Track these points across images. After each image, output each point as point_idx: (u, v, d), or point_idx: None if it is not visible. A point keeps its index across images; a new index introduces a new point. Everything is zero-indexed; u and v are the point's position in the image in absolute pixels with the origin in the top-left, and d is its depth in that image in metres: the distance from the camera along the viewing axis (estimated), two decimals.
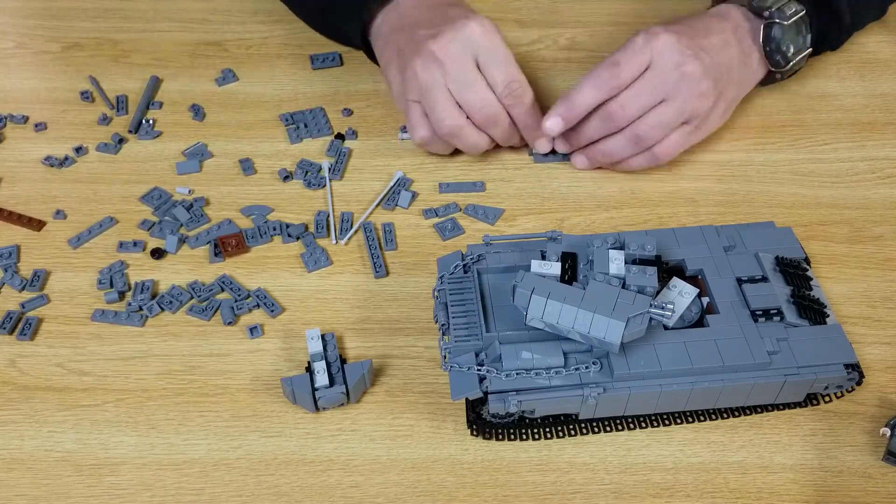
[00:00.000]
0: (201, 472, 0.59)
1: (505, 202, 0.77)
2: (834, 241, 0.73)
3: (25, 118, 0.84)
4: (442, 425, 0.62)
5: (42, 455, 0.60)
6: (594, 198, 0.77)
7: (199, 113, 0.85)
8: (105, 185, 0.78)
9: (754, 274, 0.64)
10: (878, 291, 0.70)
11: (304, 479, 0.59)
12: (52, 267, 0.72)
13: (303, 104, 0.87)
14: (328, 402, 0.61)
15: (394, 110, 0.86)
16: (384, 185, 0.78)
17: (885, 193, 0.77)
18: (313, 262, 0.71)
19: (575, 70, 0.90)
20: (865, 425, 0.61)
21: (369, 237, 0.73)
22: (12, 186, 0.78)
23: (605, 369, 0.58)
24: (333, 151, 0.81)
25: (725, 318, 0.61)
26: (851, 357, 0.60)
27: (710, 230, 0.67)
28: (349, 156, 0.81)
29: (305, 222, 0.75)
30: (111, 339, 0.67)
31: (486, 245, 0.66)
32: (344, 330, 0.67)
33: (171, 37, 0.94)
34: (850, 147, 0.82)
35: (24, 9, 0.98)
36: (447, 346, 0.60)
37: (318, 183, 0.77)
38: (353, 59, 0.91)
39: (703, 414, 0.62)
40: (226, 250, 0.72)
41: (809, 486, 0.58)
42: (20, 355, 0.66)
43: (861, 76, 0.89)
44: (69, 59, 0.92)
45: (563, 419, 0.61)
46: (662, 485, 0.58)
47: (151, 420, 0.62)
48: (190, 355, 0.66)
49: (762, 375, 0.59)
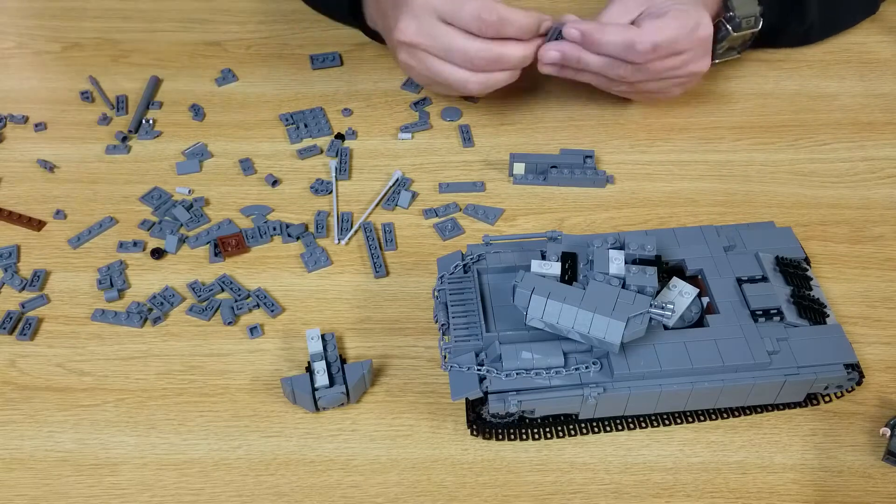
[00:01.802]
0: (201, 472, 0.59)
1: (505, 202, 0.77)
2: (834, 241, 0.73)
3: (25, 118, 0.84)
4: (442, 425, 0.62)
5: (42, 455, 0.60)
6: (594, 198, 0.77)
7: (199, 113, 0.85)
8: (105, 185, 0.78)
9: (754, 274, 0.64)
10: (878, 291, 0.70)
11: (304, 479, 0.59)
12: (52, 267, 0.72)
13: (303, 104, 0.87)
14: (328, 402, 0.61)
15: (394, 110, 0.86)
16: (384, 185, 0.78)
17: (885, 193, 0.77)
18: (313, 262, 0.71)
19: None
20: (865, 425, 0.61)
21: (369, 237, 0.73)
22: (12, 186, 0.78)
23: (605, 369, 0.58)
24: (333, 151, 0.81)
25: (725, 318, 0.61)
26: (851, 357, 0.60)
27: (710, 230, 0.67)
28: (350, 156, 0.81)
29: (305, 222, 0.75)
30: (111, 339, 0.67)
31: (486, 245, 0.66)
32: (344, 330, 0.67)
33: (171, 37, 0.94)
34: (850, 147, 0.82)
35: (24, 9, 0.98)
36: (447, 346, 0.60)
37: (326, 189, 0.77)
38: (353, 59, 0.91)
39: (703, 414, 0.62)
40: (226, 250, 0.72)
41: (809, 486, 0.58)
42: (20, 355, 0.66)
43: (861, 76, 0.89)
44: (69, 59, 0.92)
45: (563, 419, 0.61)
46: (662, 485, 0.58)
47: (151, 420, 0.62)
48: (190, 355, 0.66)
49: (762, 375, 0.59)
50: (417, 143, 0.82)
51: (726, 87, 0.88)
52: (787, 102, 0.86)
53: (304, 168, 0.80)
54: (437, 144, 0.82)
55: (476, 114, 0.85)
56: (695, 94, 0.87)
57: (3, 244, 0.73)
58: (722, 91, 0.87)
